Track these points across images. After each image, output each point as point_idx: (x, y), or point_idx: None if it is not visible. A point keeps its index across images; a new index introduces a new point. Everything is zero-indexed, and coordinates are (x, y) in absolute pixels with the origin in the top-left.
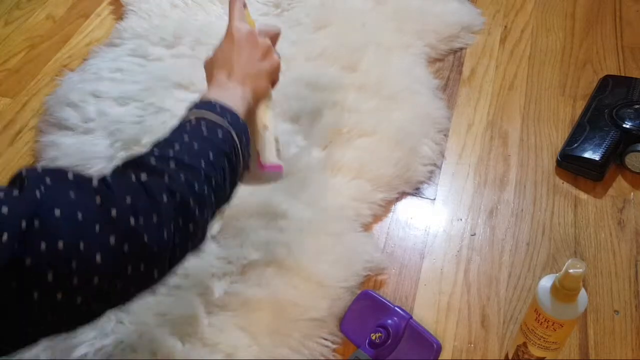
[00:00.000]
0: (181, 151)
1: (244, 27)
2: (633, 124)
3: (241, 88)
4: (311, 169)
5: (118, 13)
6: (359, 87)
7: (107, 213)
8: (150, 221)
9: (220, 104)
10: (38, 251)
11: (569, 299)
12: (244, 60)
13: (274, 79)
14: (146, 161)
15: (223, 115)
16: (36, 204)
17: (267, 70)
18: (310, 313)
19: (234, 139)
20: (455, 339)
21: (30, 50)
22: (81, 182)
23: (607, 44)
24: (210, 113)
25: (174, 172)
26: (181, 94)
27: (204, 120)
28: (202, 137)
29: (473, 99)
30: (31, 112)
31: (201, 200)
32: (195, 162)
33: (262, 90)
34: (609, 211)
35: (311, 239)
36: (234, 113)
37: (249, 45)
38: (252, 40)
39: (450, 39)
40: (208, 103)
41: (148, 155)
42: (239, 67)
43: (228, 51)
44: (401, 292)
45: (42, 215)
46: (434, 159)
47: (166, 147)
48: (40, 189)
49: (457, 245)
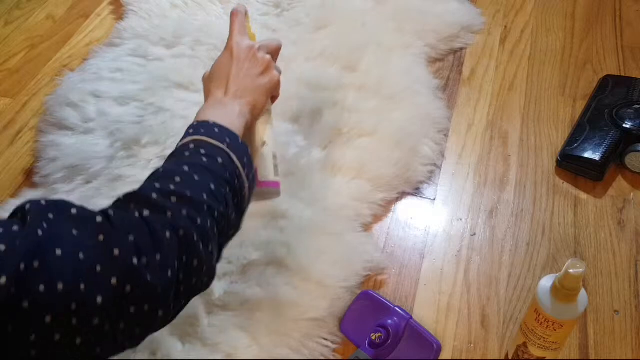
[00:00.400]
0: (182, 184)
1: (244, 42)
2: (633, 124)
3: (239, 104)
4: (311, 169)
5: (118, 13)
6: (359, 87)
7: (109, 252)
8: (154, 260)
9: (218, 125)
10: (36, 293)
11: (569, 299)
12: (243, 75)
13: (274, 94)
14: (147, 196)
15: (222, 139)
16: (37, 243)
17: (266, 86)
18: (310, 313)
19: (235, 162)
20: (455, 339)
21: (30, 50)
22: (84, 218)
23: (607, 44)
24: (207, 137)
25: (175, 208)
26: (181, 94)
27: (202, 146)
28: (202, 166)
29: (473, 99)
30: (31, 112)
31: (205, 234)
32: (197, 195)
33: (261, 106)
34: (609, 211)
35: (311, 239)
36: (233, 133)
37: (248, 60)
38: (251, 55)
39: (450, 39)
40: (206, 124)
41: (149, 189)
42: (237, 82)
43: (226, 66)
44: (401, 292)
45: (43, 256)
46: (434, 159)
47: (166, 180)
48: (43, 226)
49: (457, 245)
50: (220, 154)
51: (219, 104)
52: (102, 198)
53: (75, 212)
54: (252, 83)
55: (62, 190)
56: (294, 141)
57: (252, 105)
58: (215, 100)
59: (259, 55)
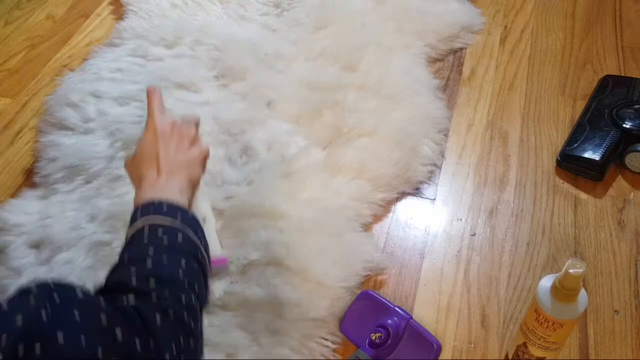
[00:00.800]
0: (155, 267)
1: (165, 118)
2: (633, 124)
3: (176, 181)
4: (311, 169)
5: (118, 13)
6: (359, 87)
7: (112, 336)
8: (148, 346)
9: (165, 203)
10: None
11: (569, 299)
12: (173, 151)
13: (204, 165)
14: (127, 283)
15: (174, 216)
16: (39, 327)
17: (197, 157)
18: (310, 313)
19: (193, 238)
20: (455, 339)
21: (30, 50)
22: (90, 305)
23: (607, 44)
24: (160, 217)
25: (158, 290)
26: (181, 94)
27: (157, 227)
28: (166, 246)
29: (473, 99)
30: (31, 112)
31: (192, 311)
32: (174, 274)
33: (196, 178)
34: (609, 211)
35: (311, 239)
36: (182, 208)
37: (174, 135)
38: (176, 129)
39: (450, 39)
40: (152, 205)
41: (126, 276)
42: (169, 159)
43: (152, 146)
44: (401, 292)
45: (44, 341)
46: (434, 159)
47: (139, 265)
48: (47, 308)
49: (457, 245)
50: (177, 231)
51: (157, 185)
52: (102, 198)
53: (80, 294)
54: (184, 156)
55: (62, 190)
56: (294, 141)
57: (189, 179)
58: (151, 182)
59: (183, 128)
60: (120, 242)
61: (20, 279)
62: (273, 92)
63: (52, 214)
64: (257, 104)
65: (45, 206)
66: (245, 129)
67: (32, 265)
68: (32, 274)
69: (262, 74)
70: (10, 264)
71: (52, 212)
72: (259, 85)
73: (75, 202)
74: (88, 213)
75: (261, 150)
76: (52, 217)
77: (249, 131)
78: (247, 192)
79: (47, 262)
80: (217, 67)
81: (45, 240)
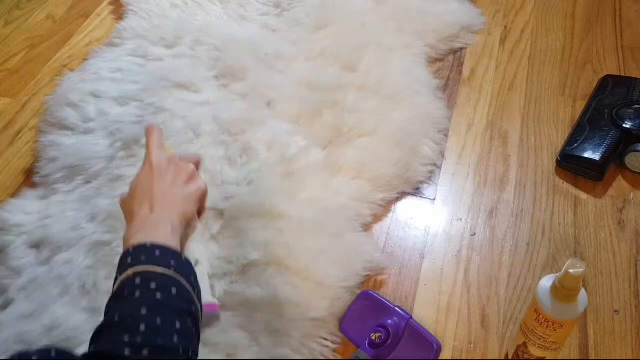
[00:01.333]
0: (149, 333)
1: (163, 155)
2: (633, 124)
3: (169, 219)
4: (311, 169)
5: (118, 13)
6: (359, 87)
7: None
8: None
9: (157, 248)
10: None
11: (569, 299)
12: (168, 186)
13: (202, 205)
14: (120, 355)
15: (167, 263)
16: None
17: (194, 194)
18: (310, 313)
19: (187, 288)
20: (455, 339)
21: (30, 50)
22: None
23: (607, 44)
24: (152, 266)
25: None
26: (181, 94)
27: (149, 278)
28: (159, 304)
29: (473, 99)
30: (31, 112)
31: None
32: (168, 341)
33: (191, 215)
34: (609, 211)
35: (311, 239)
36: (175, 253)
37: (171, 170)
38: (173, 165)
39: (450, 39)
40: (143, 249)
41: (119, 346)
42: (163, 194)
43: (147, 181)
44: (401, 292)
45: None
46: (434, 159)
47: (132, 331)
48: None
49: (457, 245)
50: (170, 282)
51: (148, 223)
52: (102, 198)
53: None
54: (179, 191)
55: (62, 190)
56: (294, 141)
57: (183, 216)
58: (142, 220)
59: (181, 165)
60: (120, 242)
61: (20, 279)
62: (273, 92)
63: (52, 214)
64: (257, 104)
65: (45, 206)
66: (245, 129)
67: (32, 265)
68: (32, 273)
69: (262, 74)
70: (10, 264)
71: (52, 212)
72: (259, 85)
73: (75, 202)
74: (88, 213)
75: (261, 150)
76: (52, 217)
77: (249, 131)
78: (247, 192)
79: (47, 262)
80: (217, 67)
81: (45, 240)
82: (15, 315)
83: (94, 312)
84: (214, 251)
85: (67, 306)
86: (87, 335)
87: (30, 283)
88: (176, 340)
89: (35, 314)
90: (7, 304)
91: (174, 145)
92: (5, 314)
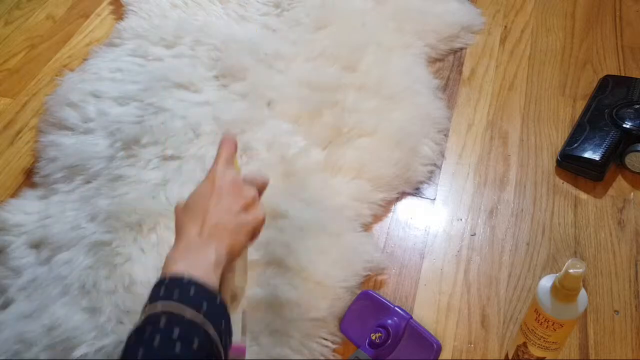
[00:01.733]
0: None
1: (228, 173)
2: (633, 124)
3: (215, 249)
4: (311, 169)
5: (118, 13)
6: (359, 87)
7: None
8: None
9: (194, 283)
10: None
11: (569, 299)
12: (223, 211)
13: (254, 235)
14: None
15: (199, 305)
16: None
17: (248, 224)
18: (310, 313)
19: (212, 338)
20: (455, 339)
21: (30, 50)
22: None
23: (607, 44)
24: (182, 306)
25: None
26: (181, 94)
27: (175, 323)
28: (175, 357)
29: (473, 99)
30: (31, 112)
31: None
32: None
33: (239, 247)
34: (609, 211)
35: (311, 239)
36: (211, 294)
37: (231, 194)
38: (235, 188)
39: (450, 39)
40: (179, 283)
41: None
42: (215, 218)
43: (205, 198)
44: (401, 292)
45: None
46: (434, 159)
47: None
48: None
49: (457, 245)
50: (195, 332)
51: (193, 248)
52: (102, 198)
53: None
54: (232, 220)
55: (62, 190)
56: (294, 141)
57: (230, 248)
58: (189, 242)
59: (244, 189)
60: (120, 242)
61: (20, 279)
62: (273, 92)
63: (52, 214)
64: (257, 104)
65: (45, 206)
66: (245, 129)
67: (32, 265)
68: (32, 274)
69: (262, 74)
70: (10, 264)
71: (52, 212)
72: (259, 85)
73: (75, 202)
74: (88, 213)
75: (261, 150)
76: (52, 217)
77: (249, 131)
78: None
79: (47, 262)
80: (217, 67)
81: (45, 240)
82: (15, 315)
83: (94, 312)
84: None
85: (67, 306)
86: (87, 335)
87: (30, 283)
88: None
89: (35, 314)
90: (7, 304)
91: (174, 145)
92: (5, 314)
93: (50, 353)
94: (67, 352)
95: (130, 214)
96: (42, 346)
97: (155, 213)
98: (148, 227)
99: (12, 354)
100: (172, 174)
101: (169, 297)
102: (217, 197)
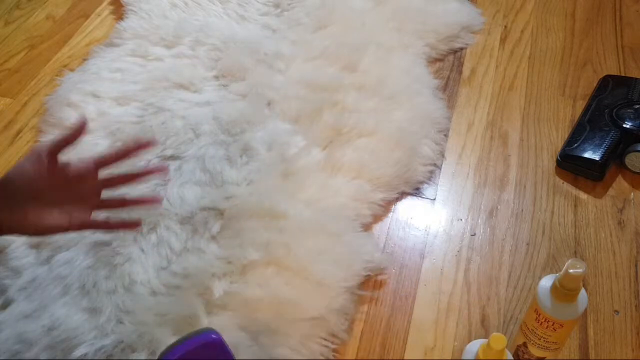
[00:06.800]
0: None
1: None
2: (633, 124)
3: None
4: (311, 169)
5: (118, 13)
6: (359, 87)
7: None
8: None
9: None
10: None
11: (569, 299)
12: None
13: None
14: None
15: None
16: None
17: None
18: (310, 313)
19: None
20: (455, 339)
21: (30, 50)
22: None
23: (607, 44)
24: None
25: None
26: (181, 94)
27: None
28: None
29: (473, 99)
30: (31, 112)
31: None
32: None
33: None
34: (609, 211)
35: (311, 239)
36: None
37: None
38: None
39: (450, 39)
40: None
41: None
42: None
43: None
44: (401, 292)
45: None
46: (434, 159)
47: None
48: None
49: (457, 245)
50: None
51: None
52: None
53: None
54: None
55: None
56: (294, 141)
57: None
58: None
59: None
60: (120, 242)
61: (20, 279)
62: (273, 92)
63: None
64: (257, 104)
65: None
66: (245, 129)
67: (32, 265)
68: (32, 274)
69: (262, 74)
70: (10, 264)
71: None
72: (259, 85)
73: None
74: None
75: (261, 150)
76: None
77: (249, 131)
78: (247, 192)
79: (47, 262)
80: (217, 67)
81: (45, 240)
82: (15, 315)
83: (94, 312)
84: (214, 251)
85: (67, 306)
86: (87, 335)
87: (30, 283)
88: None
89: (35, 314)
90: (7, 304)
91: (174, 145)
92: (5, 314)
93: (50, 353)
94: (67, 352)
95: (130, 214)
96: (42, 346)
97: (155, 213)
98: (148, 227)
99: (12, 354)
100: (172, 174)
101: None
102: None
